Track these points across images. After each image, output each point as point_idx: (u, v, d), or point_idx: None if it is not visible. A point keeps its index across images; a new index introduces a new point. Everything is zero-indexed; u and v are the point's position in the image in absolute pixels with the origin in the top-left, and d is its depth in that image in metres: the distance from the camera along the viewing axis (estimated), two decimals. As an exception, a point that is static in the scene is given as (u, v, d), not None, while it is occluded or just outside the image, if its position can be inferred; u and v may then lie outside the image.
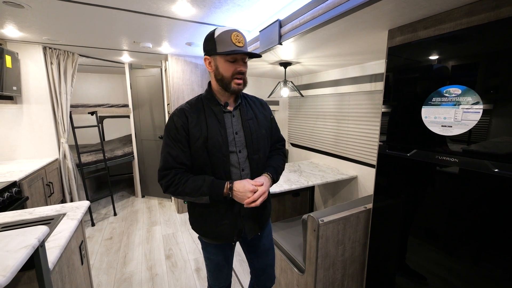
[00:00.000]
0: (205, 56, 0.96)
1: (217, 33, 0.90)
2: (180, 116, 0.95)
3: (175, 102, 2.92)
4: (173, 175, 0.95)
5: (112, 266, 2.16)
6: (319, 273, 1.26)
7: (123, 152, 3.50)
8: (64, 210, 1.25)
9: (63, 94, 2.52)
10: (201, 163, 0.96)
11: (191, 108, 0.97)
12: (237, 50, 0.89)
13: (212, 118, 0.96)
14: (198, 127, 0.94)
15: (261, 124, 1.06)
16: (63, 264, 1.02)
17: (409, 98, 1.13)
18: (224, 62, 0.91)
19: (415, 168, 1.12)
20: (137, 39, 2.22)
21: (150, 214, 3.21)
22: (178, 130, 0.94)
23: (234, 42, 0.89)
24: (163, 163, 0.96)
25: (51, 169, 2.37)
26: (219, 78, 0.94)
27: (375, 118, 2.08)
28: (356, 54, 1.82)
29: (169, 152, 0.95)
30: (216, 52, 0.90)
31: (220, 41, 0.89)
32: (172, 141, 0.95)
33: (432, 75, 1.03)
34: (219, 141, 0.95)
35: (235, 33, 0.90)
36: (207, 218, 1.03)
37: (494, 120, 0.87)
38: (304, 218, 1.29)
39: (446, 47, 0.98)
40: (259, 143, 1.03)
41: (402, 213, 1.18)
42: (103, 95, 4.33)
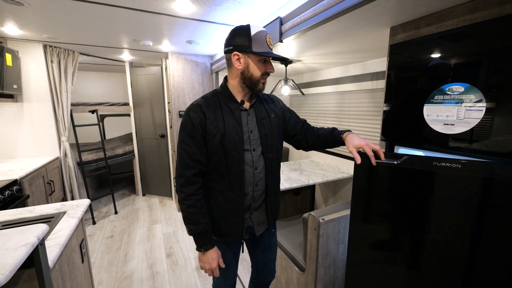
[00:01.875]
0: (235, 52, 0.91)
1: (253, 31, 0.89)
2: (196, 112, 0.93)
3: (175, 101, 2.92)
4: (190, 193, 0.94)
5: (113, 264, 2.17)
6: (320, 272, 1.26)
7: (123, 151, 3.50)
8: (65, 209, 1.25)
9: (63, 93, 2.52)
10: (216, 160, 0.96)
11: (207, 103, 0.96)
12: (272, 53, 0.93)
13: (228, 115, 0.96)
14: (215, 123, 0.93)
15: (273, 123, 1.06)
16: (64, 262, 1.02)
17: (411, 96, 1.12)
18: (257, 62, 0.91)
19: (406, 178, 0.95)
20: (137, 37, 2.21)
21: (151, 212, 3.21)
22: (195, 126, 0.92)
23: (268, 44, 0.91)
24: (180, 161, 0.95)
25: (52, 167, 2.38)
26: (247, 76, 0.93)
27: (376, 117, 2.07)
28: (358, 52, 1.81)
29: (185, 149, 0.93)
30: (251, 50, 0.89)
31: (256, 40, 0.89)
32: (188, 137, 0.93)
33: (434, 72, 1.02)
34: (235, 139, 0.95)
35: (268, 35, 0.92)
36: (218, 214, 1.02)
37: (497, 118, 0.86)
38: (305, 217, 1.28)
39: (449, 45, 0.96)
40: (272, 142, 1.04)
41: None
42: (104, 93, 4.33)
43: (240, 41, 0.90)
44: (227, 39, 0.94)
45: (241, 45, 0.90)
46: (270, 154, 1.04)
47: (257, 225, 1.08)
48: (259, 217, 1.09)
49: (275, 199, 1.12)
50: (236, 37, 0.91)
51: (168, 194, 3.63)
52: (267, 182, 1.05)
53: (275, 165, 1.08)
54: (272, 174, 1.06)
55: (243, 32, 0.90)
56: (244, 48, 0.90)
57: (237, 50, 0.91)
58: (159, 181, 3.61)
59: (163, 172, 3.55)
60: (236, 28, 0.93)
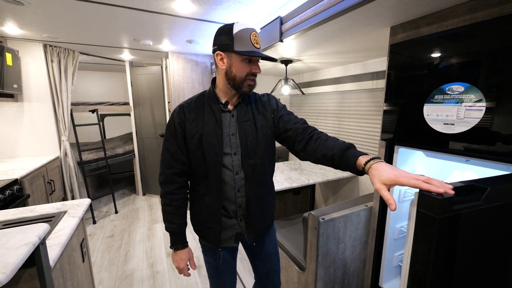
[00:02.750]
0: (218, 52, 0.88)
1: (236, 29, 0.85)
2: (178, 113, 0.95)
3: (175, 100, 2.92)
4: (168, 192, 0.96)
5: (113, 263, 2.17)
6: (320, 271, 1.26)
7: (124, 150, 3.50)
8: (65, 208, 1.25)
9: (63, 92, 2.52)
10: (196, 161, 0.94)
11: (191, 104, 0.96)
12: (256, 52, 0.87)
13: (209, 116, 0.94)
14: (194, 123, 0.93)
15: (260, 126, 0.96)
16: (64, 261, 1.03)
17: (411, 95, 1.12)
18: (240, 62, 0.87)
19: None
20: (137, 37, 2.21)
21: (151, 212, 3.22)
22: (176, 127, 0.94)
23: (252, 43, 0.85)
24: (162, 158, 0.98)
25: (52, 167, 2.38)
26: (231, 77, 0.89)
27: (376, 116, 2.07)
28: (358, 52, 1.81)
29: (167, 148, 0.96)
30: (233, 49, 0.85)
31: (238, 39, 0.84)
32: (171, 137, 0.95)
33: (434, 72, 1.02)
34: (214, 141, 0.91)
35: (253, 33, 0.86)
36: (200, 218, 1.01)
37: (497, 118, 0.86)
38: (305, 216, 1.28)
39: (449, 44, 0.96)
40: (254, 147, 0.94)
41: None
42: (104, 93, 4.33)
43: (223, 40, 0.87)
44: (214, 38, 0.92)
45: (223, 44, 0.86)
46: (252, 160, 0.94)
47: (247, 233, 1.01)
48: (247, 224, 1.00)
49: (258, 208, 1.00)
50: (219, 35, 0.88)
51: (168, 193, 3.63)
52: (247, 191, 0.96)
53: (259, 172, 0.96)
54: (254, 182, 0.96)
55: (225, 30, 0.86)
56: (226, 48, 0.86)
57: (220, 49, 0.88)
58: (159, 180, 3.61)
59: (163, 171, 3.55)
60: (221, 26, 0.90)
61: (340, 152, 0.76)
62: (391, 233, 1.35)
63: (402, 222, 1.39)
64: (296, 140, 0.92)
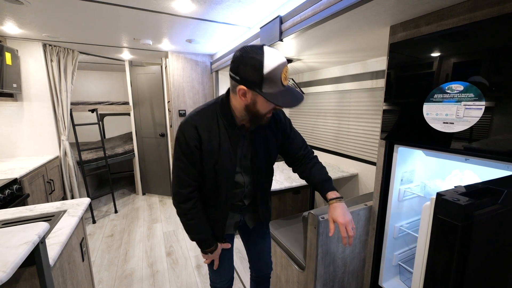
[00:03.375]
0: (241, 86, 0.78)
1: (267, 67, 0.73)
2: (192, 134, 0.88)
3: (175, 100, 2.92)
4: (188, 208, 0.96)
5: (113, 263, 2.17)
6: (319, 270, 1.26)
7: (123, 150, 3.50)
8: (65, 207, 1.25)
9: (63, 92, 2.52)
10: (208, 180, 0.97)
11: (203, 122, 0.89)
12: (289, 102, 0.79)
13: (225, 140, 0.91)
14: (209, 147, 0.90)
15: (271, 147, 1.03)
16: (64, 260, 1.03)
17: (410, 94, 1.12)
18: (266, 102, 0.79)
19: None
20: (137, 36, 2.21)
21: (151, 211, 3.22)
22: (191, 148, 0.89)
23: (282, 81, 0.77)
24: (177, 179, 0.94)
25: (51, 166, 2.38)
26: (251, 111, 0.84)
27: (376, 116, 2.07)
28: (358, 51, 1.81)
29: (181, 168, 0.92)
30: (261, 91, 0.76)
31: (269, 80, 0.74)
32: (184, 157, 0.91)
33: (434, 71, 1.02)
34: (228, 166, 0.94)
35: (285, 69, 0.77)
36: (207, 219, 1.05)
37: (496, 117, 0.86)
38: (305, 215, 1.28)
39: (449, 43, 0.97)
40: (263, 165, 1.03)
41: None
42: (104, 92, 4.33)
43: (249, 75, 0.75)
44: (235, 62, 0.79)
45: (249, 81, 0.76)
46: (260, 175, 1.04)
47: (248, 220, 1.13)
48: (250, 214, 1.13)
49: (263, 204, 1.13)
50: (246, 67, 0.75)
51: (168, 193, 3.63)
52: (253, 195, 1.08)
53: (265, 181, 1.10)
54: (261, 188, 1.07)
55: (255, 66, 0.73)
56: (252, 86, 0.77)
57: (244, 84, 0.78)
58: (159, 180, 3.62)
59: (163, 171, 3.55)
60: (247, 53, 0.75)
61: (318, 185, 1.04)
62: (390, 232, 1.35)
63: (402, 221, 1.39)
64: (293, 161, 1.12)
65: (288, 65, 2.37)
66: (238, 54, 0.78)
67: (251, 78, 0.75)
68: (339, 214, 0.94)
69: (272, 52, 0.75)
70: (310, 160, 1.09)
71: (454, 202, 0.49)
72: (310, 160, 1.09)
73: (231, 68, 0.80)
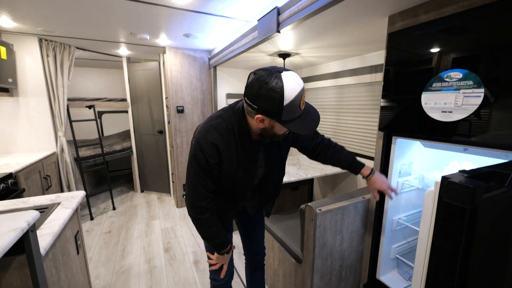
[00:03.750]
0: (259, 116, 0.78)
1: (287, 99, 0.71)
2: (212, 152, 0.87)
3: (173, 96, 2.90)
4: (206, 218, 0.96)
5: (110, 259, 2.16)
6: (317, 263, 1.25)
7: (121, 147, 3.48)
8: (59, 200, 1.24)
9: (59, 87, 2.50)
10: (223, 187, 0.98)
11: (223, 139, 0.88)
12: (306, 128, 0.80)
13: (243, 156, 0.93)
14: (228, 164, 0.91)
15: (283, 151, 1.06)
16: (57, 252, 1.01)
17: (409, 84, 1.11)
18: (283, 126, 0.79)
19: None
20: (134, 30, 2.19)
21: (149, 208, 3.20)
22: (210, 165, 0.88)
23: (300, 106, 0.76)
24: (196, 193, 0.93)
25: (48, 162, 2.36)
26: (268, 133, 0.85)
27: (374, 110, 2.06)
28: (356, 44, 1.79)
29: (200, 183, 0.92)
30: (280, 120, 0.75)
31: (288, 109, 0.73)
32: (203, 173, 0.90)
33: (432, 60, 1.01)
34: (247, 178, 0.99)
35: (303, 94, 0.76)
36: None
37: (495, 104, 0.84)
38: (302, 208, 1.27)
39: (448, 31, 0.95)
40: (276, 169, 1.07)
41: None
42: (102, 89, 4.31)
43: (269, 107, 0.74)
44: (251, 90, 0.75)
45: (269, 111, 0.75)
46: (274, 182, 1.10)
47: (250, 207, 1.20)
48: (252, 202, 1.18)
49: (271, 200, 1.19)
50: (265, 100, 0.73)
51: (167, 190, 3.61)
52: (264, 194, 1.13)
53: (277, 183, 1.14)
54: (272, 191, 1.13)
55: (275, 99, 0.72)
56: (271, 115, 0.76)
57: (262, 114, 0.77)
58: (158, 177, 3.60)
59: (161, 168, 3.53)
60: (266, 83, 0.72)
61: (347, 166, 1.15)
62: (388, 225, 1.34)
63: (400, 214, 1.38)
64: (309, 152, 1.16)
65: (286, 60, 2.37)
66: (256, 83, 0.74)
67: (270, 109, 0.74)
68: (381, 183, 1.12)
69: (291, 80, 0.72)
70: (327, 146, 1.13)
71: (462, 185, 0.46)
72: (327, 146, 1.13)
73: (247, 95, 0.78)
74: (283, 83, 0.71)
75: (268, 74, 0.73)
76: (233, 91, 3.15)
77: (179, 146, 3.04)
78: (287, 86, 0.71)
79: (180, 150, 3.06)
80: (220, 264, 1.12)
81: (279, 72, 0.73)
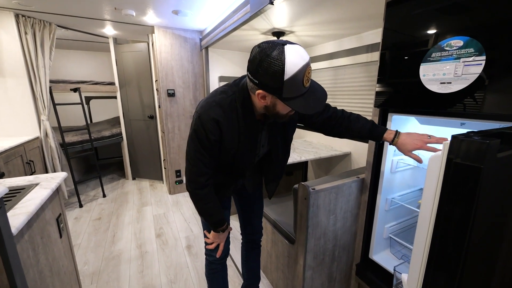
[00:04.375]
0: (259, 91, 0.74)
1: (288, 73, 0.66)
2: (213, 127, 0.84)
3: (163, 79, 2.79)
4: (204, 194, 0.96)
5: (100, 245, 2.11)
6: (310, 243, 1.22)
7: (111, 133, 3.38)
8: (38, 181, 1.17)
9: (40, 68, 2.36)
10: (223, 163, 0.97)
11: (225, 115, 0.85)
12: (310, 107, 0.74)
13: (245, 134, 0.90)
14: (230, 139, 0.89)
15: (288, 130, 1.02)
16: (35, 233, 0.95)
17: (407, 56, 1.05)
18: (286, 105, 0.75)
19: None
20: (118, 6, 2.05)
21: (141, 195, 3.14)
22: (210, 141, 0.86)
23: (304, 83, 0.70)
24: (195, 168, 0.91)
25: (31, 147, 2.26)
26: (271, 112, 0.81)
27: (370, 92, 2.01)
28: (352, 21, 1.71)
29: (200, 160, 0.90)
30: (281, 97, 0.71)
31: (290, 84, 0.68)
32: (203, 149, 0.88)
33: (432, 28, 0.95)
34: (246, 156, 0.97)
35: (308, 70, 0.69)
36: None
37: (496, 72, 0.80)
38: (295, 187, 1.23)
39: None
40: (280, 151, 1.05)
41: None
42: (89, 73, 4.13)
43: (268, 82, 0.70)
44: (253, 63, 0.71)
45: (269, 87, 0.71)
46: (279, 162, 1.08)
47: (248, 184, 1.17)
48: (251, 179, 1.16)
49: (276, 180, 1.17)
50: (265, 73, 0.69)
51: (159, 177, 3.55)
52: (269, 175, 1.14)
53: (282, 163, 1.12)
54: (276, 171, 1.12)
55: (275, 72, 0.67)
56: (271, 91, 0.72)
57: (263, 89, 0.73)
58: (149, 164, 3.53)
59: (153, 155, 3.45)
60: (267, 56, 0.67)
61: (367, 134, 1.04)
62: (382, 205, 1.32)
63: (394, 193, 1.35)
64: (320, 128, 1.09)
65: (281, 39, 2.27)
66: (258, 56, 0.69)
67: (271, 85, 0.70)
68: (413, 144, 0.94)
69: (294, 53, 0.67)
70: (341, 118, 1.06)
71: (477, 141, 0.40)
72: (341, 118, 1.06)
73: (249, 69, 0.74)
74: (285, 56, 0.66)
75: (271, 46, 0.68)
76: (226, 73, 3.05)
77: (170, 131, 2.96)
78: (289, 60, 0.66)
79: (171, 135, 2.97)
80: (216, 243, 1.11)
81: (283, 45, 0.68)
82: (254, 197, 1.27)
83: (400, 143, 0.97)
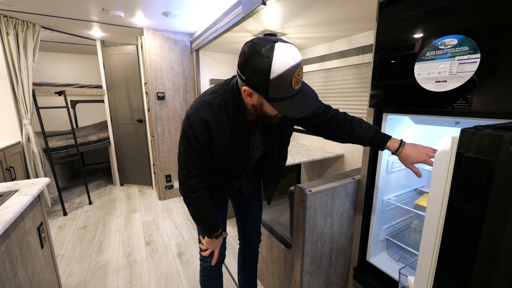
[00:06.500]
0: (245, 87, 0.70)
1: (275, 72, 0.62)
2: (202, 128, 0.81)
3: (153, 81, 2.72)
4: (197, 197, 0.93)
5: (85, 254, 2.00)
6: (307, 246, 1.19)
7: (97, 137, 3.26)
8: (17, 187, 1.09)
9: (23, 70, 2.25)
10: (216, 166, 0.95)
11: (214, 115, 0.81)
12: (295, 111, 0.70)
13: (237, 135, 0.87)
14: (221, 141, 0.85)
15: (284, 131, 0.98)
16: (13, 244, 0.88)
17: (401, 56, 1.05)
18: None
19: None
20: (106, 6, 2.00)
21: (129, 201, 3.03)
22: (200, 142, 0.83)
23: (293, 86, 0.66)
24: (186, 170, 0.89)
25: (12, 152, 2.13)
26: (259, 112, 0.77)
27: (362, 93, 2.03)
28: (344, 23, 1.73)
29: (191, 162, 0.87)
30: (267, 96, 0.67)
31: (276, 85, 0.64)
32: (194, 152, 0.85)
33: (426, 28, 0.95)
34: (240, 159, 0.94)
35: (297, 71, 0.65)
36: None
37: (491, 70, 0.80)
38: (291, 189, 1.20)
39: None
40: (276, 154, 1.01)
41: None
42: (76, 76, 4.00)
43: (254, 78, 0.66)
44: (242, 58, 0.68)
45: (255, 84, 0.67)
46: (275, 166, 1.03)
47: (245, 187, 1.14)
48: (248, 182, 1.13)
49: (274, 184, 1.13)
50: (251, 69, 0.65)
51: (148, 183, 3.44)
52: (267, 178, 1.12)
53: (279, 166, 1.07)
54: (273, 174, 1.06)
55: (261, 70, 0.63)
56: (257, 89, 0.68)
57: (249, 86, 0.69)
58: (138, 169, 3.42)
59: (142, 160, 3.35)
60: (256, 52, 0.64)
61: (369, 141, 1.00)
62: (378, 206, 1.30)
63: (390, 194, 1.35)
64: (319, 131, 1.03)
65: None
66: (247, 50, 0.66)
67: (257, 82, 0.66)
68: (417, 156, 0.90)
69: (285, 52, 0.63)
70: (343, 122, 1.00)
71: (490, 134, 0.37)
72: (343, 122, 1.00)
73: (239, 64, 0.71)
74: (274, 54, 0.62)
75: (262, 42, 0.65)
76: (217, 76, 3.01)
77: (160, 135, 2.88)
78: (277, 58, 0.62)
79: (161, 139, 2.90)
80: (210, 250, 1.07)
81: (274, 42, 0.64)
82: (252, 199, 1.23)
83: (404, 154, 0.93)
